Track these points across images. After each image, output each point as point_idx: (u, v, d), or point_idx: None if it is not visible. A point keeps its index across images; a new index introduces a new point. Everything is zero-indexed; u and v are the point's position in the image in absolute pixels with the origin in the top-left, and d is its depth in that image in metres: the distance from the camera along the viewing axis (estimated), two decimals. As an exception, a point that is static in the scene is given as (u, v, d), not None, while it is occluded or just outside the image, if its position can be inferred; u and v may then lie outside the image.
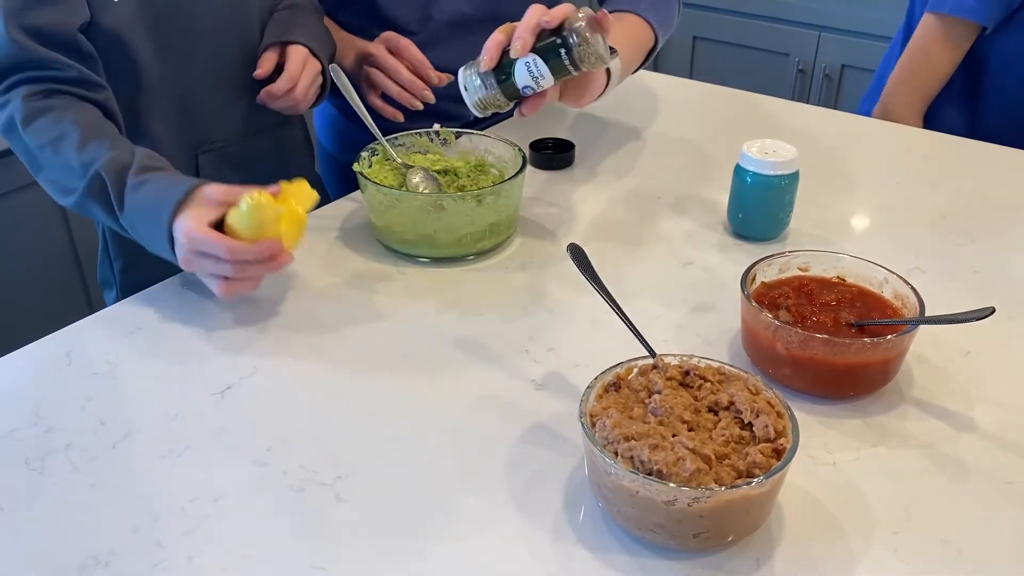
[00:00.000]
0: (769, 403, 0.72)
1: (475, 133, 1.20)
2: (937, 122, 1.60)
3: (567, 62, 0.97)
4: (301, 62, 1.15)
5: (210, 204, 0.92)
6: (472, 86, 1.01)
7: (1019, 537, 0.71)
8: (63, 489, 0.76)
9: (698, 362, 0.77)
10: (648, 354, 0.78)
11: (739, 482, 0.66)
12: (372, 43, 1.27)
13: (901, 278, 0.88)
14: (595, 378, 0.75)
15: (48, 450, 0.80)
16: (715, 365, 0.77)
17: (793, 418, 0.71)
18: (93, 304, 2.01)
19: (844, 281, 0.92)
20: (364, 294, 1.03)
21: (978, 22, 1.50)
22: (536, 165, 1.31)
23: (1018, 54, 1.51)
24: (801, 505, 0.74)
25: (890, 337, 0.82)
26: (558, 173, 1.31)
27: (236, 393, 0.87)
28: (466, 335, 0.95)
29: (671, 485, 0.64)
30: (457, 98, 1.04)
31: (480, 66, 0.99)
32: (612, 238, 1.14)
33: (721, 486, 0.65)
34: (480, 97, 1.01)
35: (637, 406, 0.73)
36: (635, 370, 0.77)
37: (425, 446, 0.81)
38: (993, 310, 0.80)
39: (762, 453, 0.67)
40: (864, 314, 0.87)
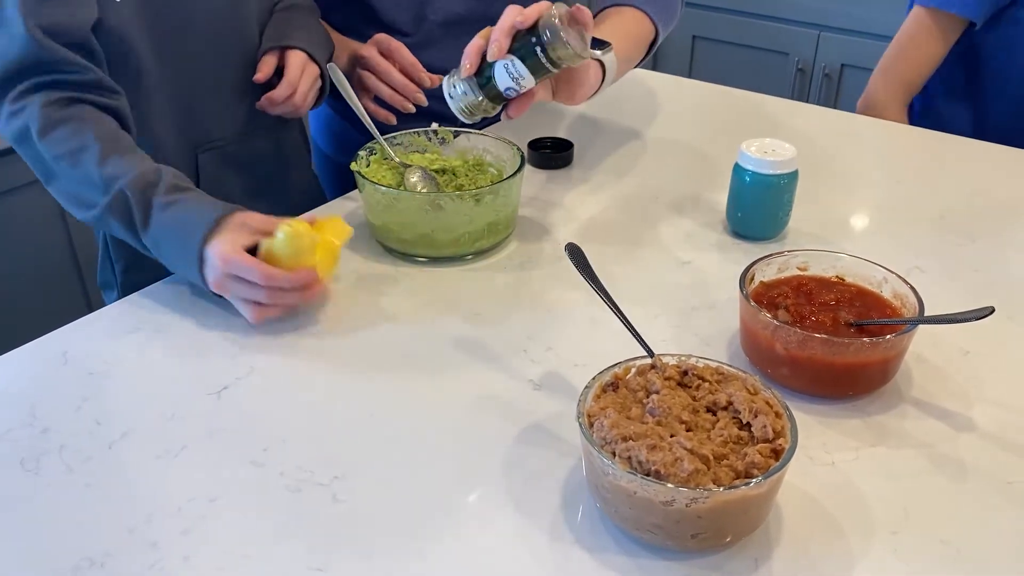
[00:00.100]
0: (768, 403, 0.72)
1: (473, 132, 1.20)
2: (943, 121, 1.60)
3: (544, 60, 0.96)
4: (300, 67, 1.16)
5: (245, 230, 0.92)
6: (456, 93, 1.01)
7: (1019, 537, 0.71)
8: (58, 490, 0.75)
9: (696, 362, 0.77)
10: (646, 354, 0.78)
11: (737, 482, 0.65)
12: (364, 45, 1.26)
13: (900, 278, 0.88)
14: (593, 378, 0.75)
15: (43, 450, 0.79)
16: (713, 365, 0.76)
17: (792, 418, 0.70)
18: (92, 305, 2.01)
19: (843, 281, 0.92)
20: (362, 294, 1.03)
21: (966, 17, 1.50)
22: (535, 164, 1.31)
23: (1011, 50, 1.51)
24: (800, 505, 0.73)
25: (889, 337, 0.81)
26: (557, 172, 1.31)
27: (233, 393, 0.87)
28: (464, 335, 0.95)
29: (669, 485, 0.64)
30: None
31: (461, 72, 0.99)
32: (611, 237, 1.14)
33: (719, 487, 0.65)
34: (465, 104, 1.01)
35: (635, 406, 0.73)
36: (633, 370, 0.77)
37: (423, 446, 0.80)
38: (992, 310, 0.80)
39: (760, 453, 0.67)
40: (863, 314, 0.87)
